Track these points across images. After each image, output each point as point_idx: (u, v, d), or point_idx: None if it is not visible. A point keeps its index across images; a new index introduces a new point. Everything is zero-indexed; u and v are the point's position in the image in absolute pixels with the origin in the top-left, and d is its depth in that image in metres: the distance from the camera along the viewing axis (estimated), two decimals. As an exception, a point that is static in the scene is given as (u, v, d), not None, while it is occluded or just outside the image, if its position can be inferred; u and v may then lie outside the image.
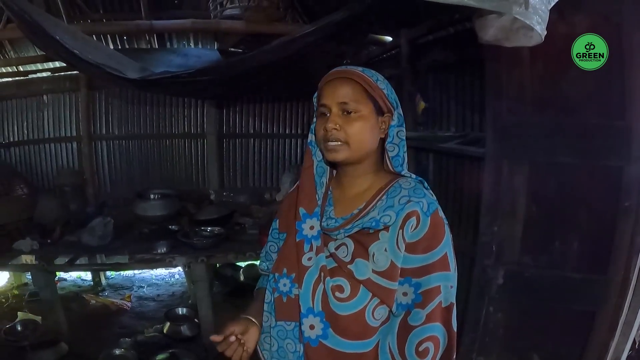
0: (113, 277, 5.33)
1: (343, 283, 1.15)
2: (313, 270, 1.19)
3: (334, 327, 1.15)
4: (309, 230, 1.24)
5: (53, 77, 5.10)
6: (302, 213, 1.25)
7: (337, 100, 1.17)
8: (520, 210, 2.21)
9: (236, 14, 4.12)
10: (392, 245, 1.13)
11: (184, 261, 3.77)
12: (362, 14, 2.60)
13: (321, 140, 1.20)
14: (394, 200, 1.17)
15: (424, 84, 3.65)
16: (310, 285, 1.18)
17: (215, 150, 5.36)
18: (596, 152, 2.02)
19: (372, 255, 1.14)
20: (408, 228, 1.13)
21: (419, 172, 3.58)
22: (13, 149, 5.25)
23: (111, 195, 5.20)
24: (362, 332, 1.15)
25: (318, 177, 1.28)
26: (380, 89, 1.20)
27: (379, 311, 1.15)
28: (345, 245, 1.18)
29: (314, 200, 1.26)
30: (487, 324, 2.33)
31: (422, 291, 1.13)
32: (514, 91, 2.15)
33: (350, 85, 1.18)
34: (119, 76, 3.21)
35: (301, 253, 1.22)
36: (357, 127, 1.17)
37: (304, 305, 1.18)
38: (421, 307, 1.13)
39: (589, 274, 2.10)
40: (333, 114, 1.18)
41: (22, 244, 3.79)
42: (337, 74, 1.21)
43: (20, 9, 2.91)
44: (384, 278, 1.13)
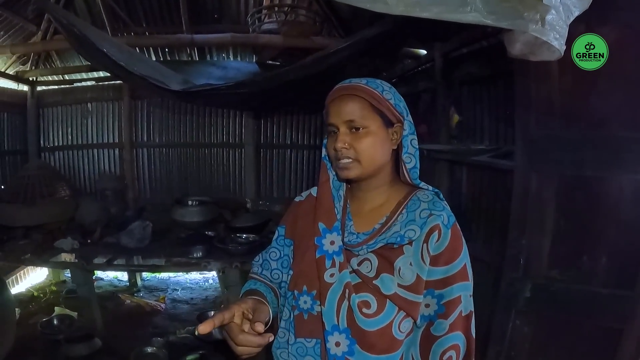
0: (148, 279, 5.50)
1: (369, 299, 1.14)
2: (336, 286, 1.17)
3: (360, 343, 1.14)
4: (330, 246, 1.21)
5: (97, 86, 5.40)
6: (321, 228, 1.23)
7: (344, 119, 1.17)
8: (548, 224, 2.20)
9: (274, 28, 4.25)
10: (417, 259, 1.14)
11: (219, 266, 3.86)
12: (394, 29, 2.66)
13: (333, 159, 1.21)
14: (415, 214, 1.17)
15: (458, 97, 3.66)
16: (334, 302, 1.16)
17: (252, 160, 5.52)
18: (625, 165, 1.98)
19: (398, 270, 1.14)
20: (432, 241, 1.14)
21: (453, 184, 3.62)
22: (58, 153, 5.56)
23: (150, 200, 5.41)
24: (389, 346, 1.15)
25: (335, 190, 1.27)
26: (386, 100, 1.19)
27: (405, 324, 1.16)
28: (369, 261, 1.17)
29: (332, 214, 1.24)
30: (513, 338, 2.30)
31: (445, 302, 1.14)
32: (543, 104, 2.15)
33: (355, 102, 1.17)
34: (163, 87, 3.37)
35: (322, 269, 1.20)
36: (367, 143, 1.16)
37: (329, 323, 1.16)
38: (444, 317, 1.14)
39: (617, 289, 2.05)
40: (341, 133, 1.17)
41: (63, 242, 4.00)
42: (341, 90, 1.20)
43: (69, 23, 3.10)
44: (410, 292, 1.13)
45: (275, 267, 1.36)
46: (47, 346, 3.64)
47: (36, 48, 4.79)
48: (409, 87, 4.40)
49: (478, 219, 3.20)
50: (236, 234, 4.36)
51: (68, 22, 3.13)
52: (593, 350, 2.15)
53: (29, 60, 5.13)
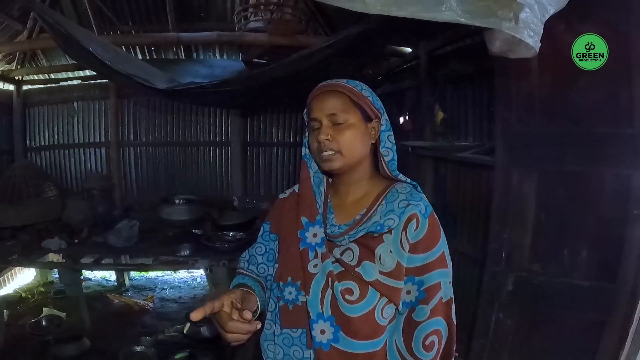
0: (136, 279, 5.48)
1: (352, 286, 1.19)
2: (320, 276, 1.22)
3: (345, 329, 1.18)
4: (312, 238, 1.26)
5: (83, 85, 5.36)
6: (304, 222, 1.28)
7: (326, 113, 1.22)
8: (529, 218, 2.23)
9: (260, 27, 4.25)
10: (396, 246, 1.18)
11: (206, 264, 3.87)
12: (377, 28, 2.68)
13: (315, 152, 1.25)
14: (394, 205, 1.22)
15: (443, 95, 3.69)
16: (318, 292, 1.21)
17: (239, 158, 5.52)
18: (605, 160, 2.02)
19: (379, 257, 1.18)
20: (410, 230, 1.18)
21: (437, 180, 3.65)
22: (44, 152, 5.51)
23: (137, 199, 5.39)
24: (373, 331, 1.19)
25: (316, 186, 1.32)
26: (365, 97, 1.25)
27: (387, 310, 1.19)
28: (351, 250, 1.22)
29: (314, 208, 1.29)
30: (497, 331, 2.34)
31: (425, 288, 1.18)
32: (523, 101, 2.18)
33: (336, 97, 1.23)
34: (149, 86, 3.37)
35: (306, 261, 1.24)
36: (348, 135, 1.22)
37: (313, 312, 1.20)
38: (425, 303, 1.18)
39: (598, 282, 2.09)
40: (324, 126, 1.22)
41: (50, 243, 3.95)
42: (322, 88, 1.26)
43: (55, 22, 3.09)
44: (391, 278, 1.17)
45: (262, 261, 1.40)
46: (36, 347, 3.62)
47: (22, 47, 4.75)
48: (395, 85, 4.43)
49: (463, 215, 3.23)
50: (223, 231, 4.37)
51: (54, 21, 3.12)
52: (576, 342, 2.19)
53: (14, 59, 5.09)
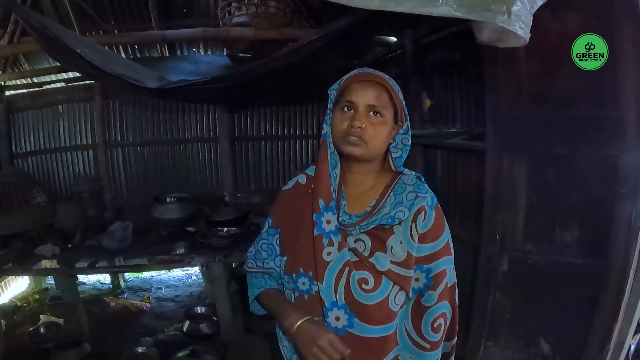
0: (131, 280, 5.51)
1: (367, 276, 1.25)
2: (334, 264, 1.26)
3: (359, 316, 1.25)
4: (327, 225, 1.29)
5: (67, 87, 5.30)
6: (321, 206, 1.29)
7: (367, 102, 1.25)
8: (521, 200, 2.33)
9: (245, 21, 4.26)
10: (406, 237, 1.25)
11: (203, 261, 3.91)
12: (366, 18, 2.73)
13: (342, 132, 1.26)
14: (402, 197, 1.28)
15: (430, 83, 3.76)
16: (332, 280, 1.26)
17: (228, 154, 5.53)
18: (592, 143, 2.12)
19: (391, 248, 1.25)
20: (419, 221, 1.26)
21: (428, 167, 3.73)
22: (30, 158, 5.44)
23: (128, 200, 5.38)
24: (386, 317, 1.27)
25: (332, 168, 1.32)
26: (400, 99, 1.30)
27: (399, 297, 1.27)
28: (362, 241, 1.28)
29: (330, 193, 1.30)
30: (495, 310, 2.44)
31: (433, 275, 1.27)
32: (512, 87, 2.27)
33: (380, 90, 1.26)
34: (139, 85, 3.38)
35: (320, 247, 1.27)
36: (380, 130, 1.26)
37: (328, 300, 1.26)
38: (433, 289, 1.28)
39: (590, 259, 2.20)
40: (360, 114, 1.25)
41: (44, 249, 3.95)
42: (369, 76, 1.28)
43: (40, 25, 3.08)
44: (402, 267, 1.25)
45: (265, 256, 1.44)
46: (36, 355, 3.62)
47: (3, 52, 4.69)
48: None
49: (454, 200, 3.32)
50: (217, 228, 4.41)
51: (39, 24, 3.11)
52: (571, 317, 2.31)
53: (-4, 64, 5.04)
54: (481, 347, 2.49)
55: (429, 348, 1.29)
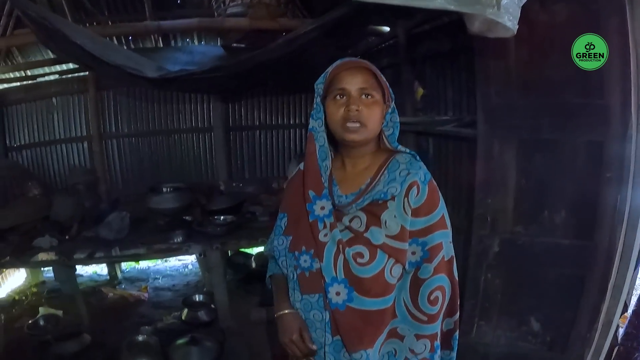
0: (128, 271, 5.55)
1: (362, 250, 1.31)
2: (330, 244, 1.34)
3: (358, 289, 1.31)
4: (320, 211, 1.38)
5: (61, 79, 5.29)
6: (311, 195, 1.39)
7: (358, 86, 1.32)
8: (511, 184, 2.44)
9: (239, 12, 4.30)
10: (400, 211, 1.31)
11: (200, 249, 3.98)
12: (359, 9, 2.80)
13: (340, 121, 1.33)
14: (396, 174, 1.34)
15: (422, 72, 3.84)
16: (330, 258, 1.33)
17: (222, 143, 5.59)
18: (578, 129, 2.23)
19: (384, 222, 1.31)
20: (412, 196, 1.30)
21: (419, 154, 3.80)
22: (25, 151, 5.44)
23: (123, 191, 5.41)
24: (383, 289, 1.32)
25: (321, 160, 1.40)
26: (384, 81, 1.38)
27: (395, 269, 1.32)
28: (359, 218, 1.34)
29: (320, 183, 1.39)
30: (486, 290, 2.56)
31: (428, 248, 1.32)
32: (502, 76, 2.37)
33: (367, 73, 1.34)
34: (138, 75, 3.42)
35: (316, 231, 1.36)
36: (374, 110, 1.33)
37: (328, 276, 1.33)
38: (429, 261, 1.32)
39: (577, 240, 2.31)
40: (354, 97, 1.31)
41: (41, 241, 3.98)
42: (352, 63, 1.36)
43: (39, 17, 3.09)
44: (396, 240, 1.30)
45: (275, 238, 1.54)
46: (36, 347, 3.60)
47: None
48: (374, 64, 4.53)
49: (445, 186, 3.41)
50: (213, 216, 4.47)
51: (38, 15, 3.11)
52: (560, 296, 2.42)
53: (-13, 58, 5.02)
54: (474, 326, 2.61)
55: (426, 320, 1.33)
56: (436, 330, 1.36)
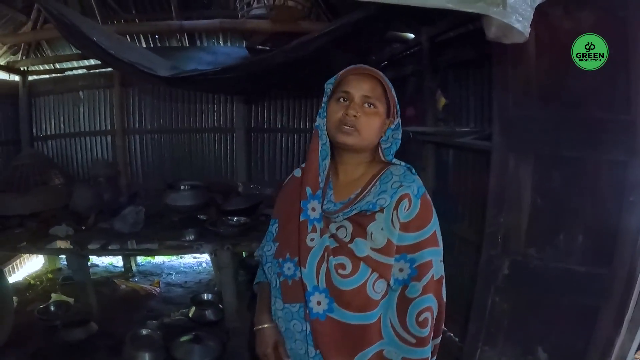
0: (143, 264, 5.52)
1: (345, 261, 1.25)
2: (316, 250, 1.27)
3: (338, 301, 1.24)
4: (312, 212, 1.32)
5: (88, 74, 5.35)
6: (308, 192, 1.32)
7: (363, 93, 1.28)
8: (525, 202, 2.21)
9: (262, 14, 4.21)
10: (387, 224, 1.23)
11: (211, 248, 3.88)
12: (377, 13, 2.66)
13: (336, 122, 1.29)
14: (387, 185, 1.27)
15: (445, 81, 3.66)
16: (314, 265, 1.27)
17: (243, 144, 5.51)
18: (601, 146, 1.99)
19: (370, 234, 1.24)
20: (402, 209, 1.23)
21: (439, 166, 3.63)
22: (50, 141, 5.54)
23: (143, 186, 5.41)
24: (365, 304, 1.24)
25: (322, 159, 1.35)
26: (394, 96, 1.33)
27: (379, 285, 1.24)
28: (344, 227, 1.28)
29: (317, 182, 1.33)
30: (493, 314, 2.34)
31: (417, 265, 1.23)
32: (520, 85, 2.15)
33: (375, 83, 1.30)
34: (151, 74, 3.38)
35: (304, 233, 1.30)
36: (373, 121, 1.28)
37: (310, 284, 1.26)
38: (417, 279, 1.23)
39: (594, 267, 2.07)
40: (355, 104, 1.27)
41: (58, 229, 4.02)
42: (364, 69, 1.32)
43: (59, 13, 3.11)
44: (381, 254, 1.23)
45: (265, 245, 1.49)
46: (44, 332, 3.65)
47: (26, 38, 4.73)
48: (397, 71, 4.39)
49: (464, 200, 3.22)
50: (227, 216, 4.41)
51: (58, 12, 3.13)
52: (571, 326, 2.18)
53: (19, 50, 5.07)
54: (478, 350, 2.39)
55: (414, 343, 1.24)
56: (427, 356, 1.27)
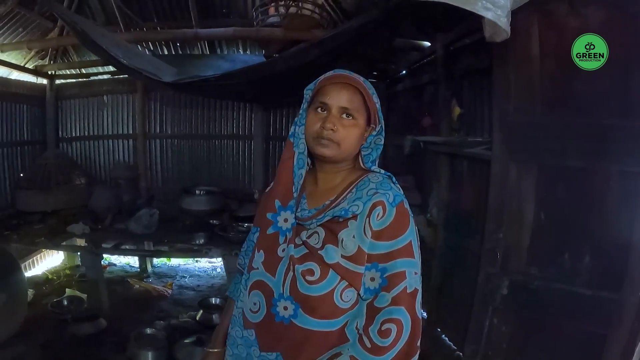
0: (159, 266, 5.46)
1: (313, 267, 1.18)
2: (285, 260, 1.21)
3: (303, 307, 1.18)
4: (284, 223, 1.24)
5: (112, 79, 5.39)
6: (277, 206, 1.25)
7: (340, 104, 1.20)
8: (527, 217, 1.98)
9: (277, 22, 4.10)
10: (359, 232, 1.16)
11: (220, 253, 3.82)
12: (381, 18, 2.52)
13: (314, 134, 1.22)
14: (362, 192, 1.20)
15: (459, 89, 3.44)
16: (282, 274, 1.21)
17: (261, 152, 5.42)
18: (611, 156, 1.75)
19: (341, 241, 1.16)
20: (374, 217, 1.15)
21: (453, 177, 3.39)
22: (74, 143, 5.61)
23: (162, 189, 5.41)
24: (331, 312, 1.17)
25: (297, 168, 1.27)
26: (374, 103, 1.24)
27: (347, 294, 1.17)
28: (317, 234, 1.20)
29: (290, 192, 1.25)
30: (490, 337, 2.09)
31: (388, 275, 1.14)
32: (523, 90, 1.93)
33: (354, 93, 1.21)
34: (155, 79, 3.38)
35: (276, 245, 1.23)
36: (352, 132, 1.21)
37: (276, 291, 1.20)
38: (387, 290, 1.14)
39: (601, 291, 1.81)
40: (333, 116, 1.20)
41: (75, 227, 4.05)
42: (343, 78, 1.23)
43: (72, 21, 3.15)
44: (351, 262, 1.15)
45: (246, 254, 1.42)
46: (55, 324, 3.67)
47: (51, 43, 4.78)
48: (414, 80, 4.19)
49: (477, 214, 2.96)
50: (239, 222, 4.33)
51: (71, 20, 3.18)
52: (574, 354, 1.92)
53: (47, 55, 5.14)
54: (474, 375, 2.15)
55: (369, 348, 1.13)
56: None
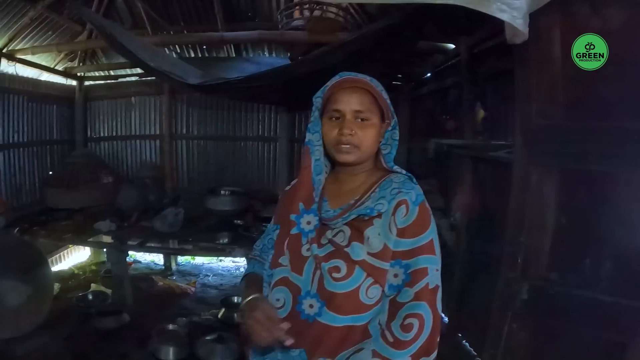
0: (183, 264, 5.52)
1: (340, 264, 1.19)
2: (311, 259, 1.23)
3: (328, 305, 1.19)
4: (306, 225, 1.28)
5: (140, 81, 5.49)
6: (301, 208, 1.29)
7: (353, 108, 1.22)
8: (549, 222, 1.92)
9: (301, 25, 4.11)
10: (384, 230, 1.19)
11: (242, 252, 3.86)
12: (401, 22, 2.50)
13: (333, 142, 1.24)
14: (386, 192, 1.22)
15: (483, 92, 3.39)
16: (310, 272, 1.23)
17: (285, 153, 5.45)
18: (633, 159, 1.69)
19: (367, 238, 1.19)
20: (399, 215, 1.18)
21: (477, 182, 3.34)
22: (103, 143, 5.74)
23: (187, 189, 5.47)
24: (356, 309, 1.19)
25: (315, 174, 1.30)
26: (384, 99, 1.26)
27: (372, 290, 1.19)
28: (342, 232, 1.22)
29: (311, 197, 1.29)
30: (509, 342, 2.04)
31: (411, 271, 1.17)
32: (545, 93, 1.87)
33: (364, 95, 1.23)
34: (181, 81, 3.43)
35: (299, 245, 1.26)
36: (369, 133, 1.23)
37: (304, 289, 1.22)
38: (410, 285, 1.17)
39: (622, 298, 1.74)
40: (348, 121, 1.22)
41: (101, 224, 4.17)
42: (350, 82, 1.25)
43: (100, 25, 3.23)
44: (377, 259, 1.18)
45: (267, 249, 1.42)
46: (79, 318, 3.75)
47: (80, 46, 4.90)
48: (439, 83, 4.15)
49: (500, 218, 2.91)
50: (262, 222, 4.33)
51: (99, 24, 3.26)
52: (594, 364, 1.85)
53: (76, 57, 5.27)
54: (491, 380, 2.10)
55: (391, 343, 1.14)
56: None
